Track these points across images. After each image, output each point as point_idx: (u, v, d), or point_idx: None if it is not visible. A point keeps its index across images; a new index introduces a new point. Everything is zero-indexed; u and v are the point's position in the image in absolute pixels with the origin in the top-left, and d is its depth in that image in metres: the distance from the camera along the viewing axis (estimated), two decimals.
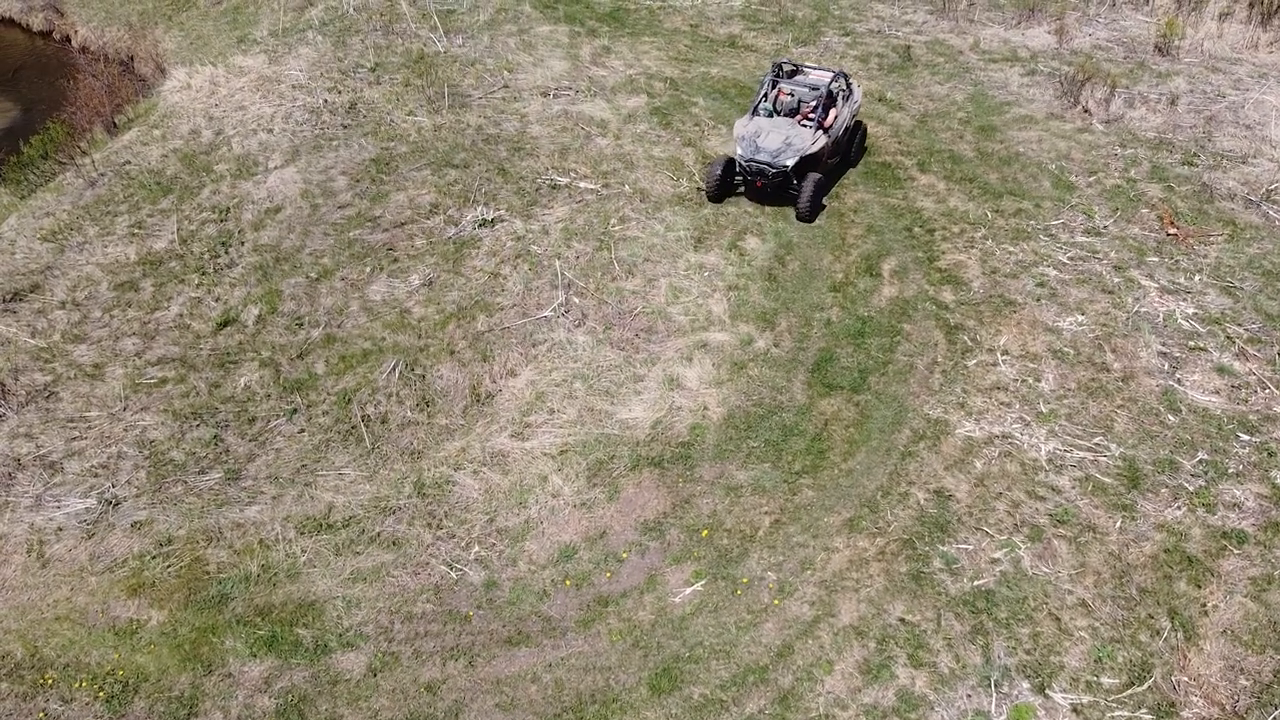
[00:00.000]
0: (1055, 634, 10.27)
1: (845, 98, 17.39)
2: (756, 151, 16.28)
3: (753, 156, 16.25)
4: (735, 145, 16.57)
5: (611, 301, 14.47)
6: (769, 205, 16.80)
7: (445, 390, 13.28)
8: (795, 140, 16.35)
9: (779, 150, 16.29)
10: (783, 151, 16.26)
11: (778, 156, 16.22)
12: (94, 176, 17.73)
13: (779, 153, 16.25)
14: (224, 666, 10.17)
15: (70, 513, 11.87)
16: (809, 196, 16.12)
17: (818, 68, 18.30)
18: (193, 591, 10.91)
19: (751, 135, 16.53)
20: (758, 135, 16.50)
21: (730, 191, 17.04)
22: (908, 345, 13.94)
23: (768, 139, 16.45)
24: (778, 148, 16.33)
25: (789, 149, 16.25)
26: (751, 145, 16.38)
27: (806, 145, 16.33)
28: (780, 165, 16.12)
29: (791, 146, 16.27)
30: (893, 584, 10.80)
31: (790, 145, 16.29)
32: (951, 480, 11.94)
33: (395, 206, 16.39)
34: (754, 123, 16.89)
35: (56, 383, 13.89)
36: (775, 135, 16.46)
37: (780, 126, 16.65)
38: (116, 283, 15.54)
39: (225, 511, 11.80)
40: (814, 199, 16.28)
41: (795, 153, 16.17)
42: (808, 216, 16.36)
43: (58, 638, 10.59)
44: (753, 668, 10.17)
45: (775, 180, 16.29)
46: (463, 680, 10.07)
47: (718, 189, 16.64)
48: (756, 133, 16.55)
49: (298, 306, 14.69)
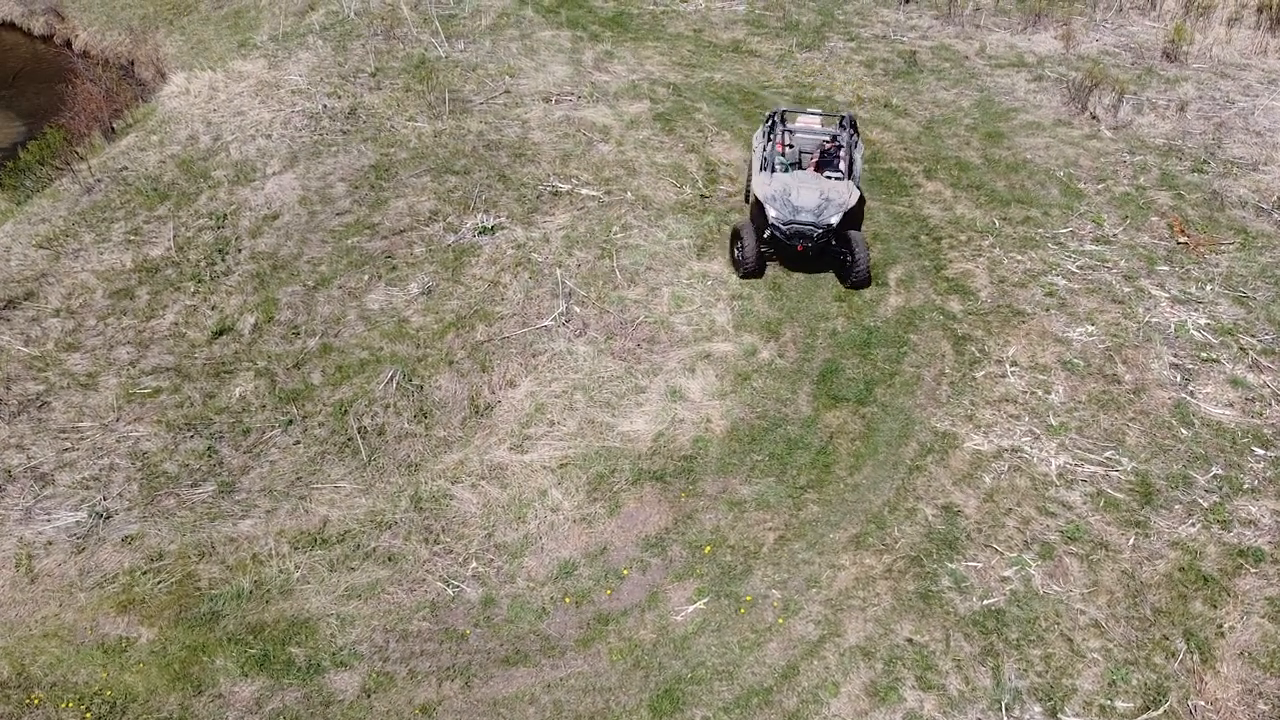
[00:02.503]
0: (1068, 655, 9.97)
1: (856, 142, 15.77)
2: (795, 212, 14.54)
3: (793, 218, 14.49)
4: (767, 208, 14.62)
5: (613, 310, 14.20)
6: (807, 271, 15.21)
7: (443, 401, 13.01)
8: (832, 194, 14.75)
9: (820, 207, 14.61)
10: (824, 208, 14.61)
11: (821, 214, 14.54)
12: (91, 183, 17.50)
13: (820, 210, 14.58)
14: (214, 687, 9.89)
15: (60, 526, 11.60)
16: (865, 257, 14.55)
17: (814, 113, 16.79)
18: (183, 608, 10.64)
19: (782, 194, 14.72)
20: (789, 193, 14.72)
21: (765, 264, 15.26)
22: (914, 356, 13.66)
23: (802, 196, 14.70)
24: (818, 204, 14.64)
25: (829, 205, 14.63)
26: (787, 205, 14.60)
27: (846, 199, 14.74)
28: (825, 224, 14.49)
29: (831, 202, 14.65)
30: (900, 603, 10.50)
31: (830, 201, 14.66)
32: (960, 495, 11.65)
33: (394, 214, 16.13)
34: (777, 180, 15.05)
35: (49, 392, 13.63)
36: (808, 192, 14.76)
37: (808, 181, 15.01)
38: (112, 290, 15.29)
39: (218, 525, 11.53)
40: (866, 263, 14.68)
41: (837, 208, 14.60)
42: (866, 280, 14.82)
43: (45, 655, 10.31)
44: (756, 689, 9.87)
45: (820, 241, 14.66)
46: (459, 702, 9.78)
47: (757, 262, 14.86)
48: (786, 191, 14.77)
49: (294, 315, 14.43)
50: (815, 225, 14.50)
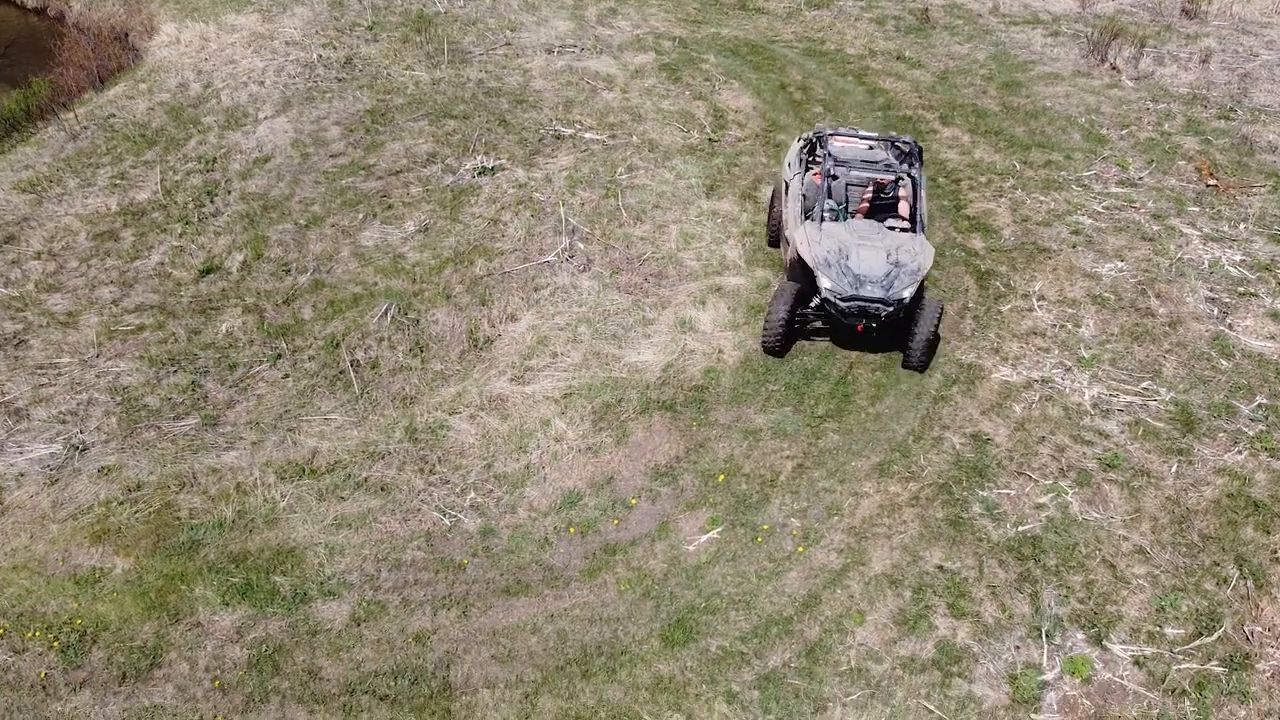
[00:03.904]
0: (1111, 582, 9.28)
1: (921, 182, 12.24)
2: (858, 283, 11.00)
3: (855, 291, 10.98)
4: (820, 277, 11.17)
5: (619, 247, 13.56)
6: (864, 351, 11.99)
7: (440, 335, 12.35)
8: (904, 257, 11.19)
9: (889, 276, 11.02)
10: (895, 277, 11.03)
11: (892, 287, 10.98)
12: (76, 130, 16.88)
13: (891, 280, 11.00)
14: (192, 615, 9.19)
15: (33, 459, 10.92)
16: (929, 332, 11.23)
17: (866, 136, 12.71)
18: (161, 538, 9.95)
19: (838, 258, 11.16)
20: (846, 257, 11.17)
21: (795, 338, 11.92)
22: (936, 291, 12.99)
23: (865, 260, 11.11)
24: (886, 272, 11.04)
25: (901, 272, 11.06)
26: (847, 275, 11.06)
27: (921, 261, 11.23)
28: (897, 299, 10.99)
29: (904, 269, 11.09)
30: (929, 530, 9.81)
31: (901, 267, 11.10)
32: (989, 424, 10.97)
33: (390, 155, 15.51)
34: (829, 235, 11.38)
35: (26, 331, 12.96)
36: (872, 254, 11.18)
37: (871, 238, 11.38)
38: (95, 233, 14.64)
39: (200, 457, 10.85)
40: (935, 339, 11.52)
41: (911, 277, 11.08)
42: (924, 360, 11.53)
43: (13, 588, 9.61)
44: (776, 619, 9.18)
45: (889, 320, 11.18)
46: (455, 631, 9.08)
47: (783, 340, 11.61)
48: (842, 252, 11.20)
49: (285, 253, 13.78)
50: (884, 302, 10.98)
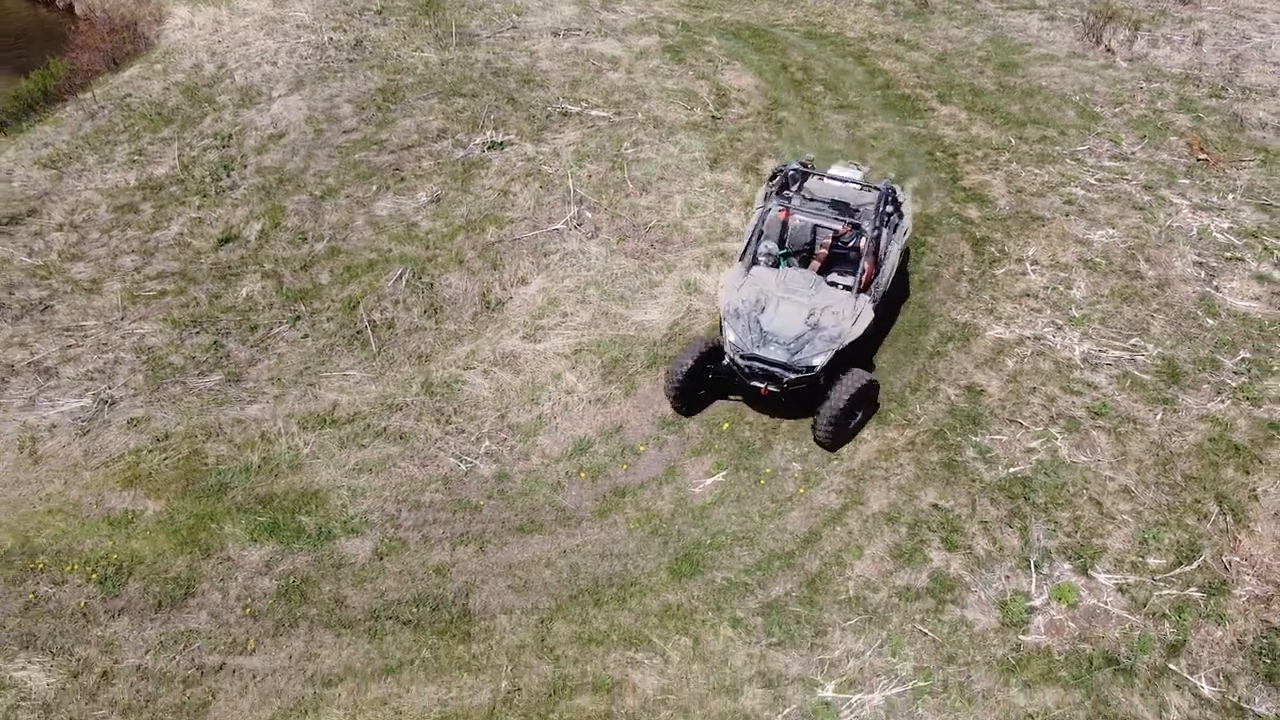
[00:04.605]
0: (1097, 518, 9.88)
1: (895, 225, 11.56)
2: (763, 342, 10.17)
3: (755, 351, 10.14)
4: (725, 327, 10.41)
5: (626, 216, 14.18)
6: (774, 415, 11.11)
7: (454, 298, 12.97)
8: (826, 319, 10.30)
9: (801, 339, 10.16)
10: (807, 341, 10.15)
11: (799, 352, 10.11)
12: (94, 109, 17.54)
13: (801, 343, 10.15)
14: (223, 551, 9.80)
15: (64, 411, 11.55)
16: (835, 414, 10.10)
17: (846, 168, 12.26)
18: (190, 482, 10.56)
19: (752, 310, 10.41)
20: (762, 309, 10.41)
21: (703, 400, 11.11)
22: (933, 256, 13.61)
23: (780, 317, 10.34)
24: (799, 334, 10.20)
25: (816, 338, 10.18)
26: (753, 330, 10.27)
27: (846, 328, 10.25)
28: (803, 366, 10.12)
29: (821, 333, 10.20)
30: (924, 472, 10.42)
31: (819, 330, 10.22)
32: (982, 377, 11.58)
33: (402, 131, 16.14)
34: (752, 283, 10.68)
35: (53, 297, 13.59)
36: (792, 310, 10.37)
37: (799, 291, 10.55)
38: (115, 205, 15.28)
39: (225, 410, 11.47)
40: (845, 417, 10.28)
41: (827, 343, 10.15)
42: (831, 442, 10.50)
43: (49, 529, 10.22)
44: (778, 554, 9.78)
45: (795, 387, 10.34)
46: (473, 564, 9.69)
47: (681, 393, 10.68)
48: (759, 304, 10.45)
49: (301, 222, 14.41)
50: (786, 367, 10.10)
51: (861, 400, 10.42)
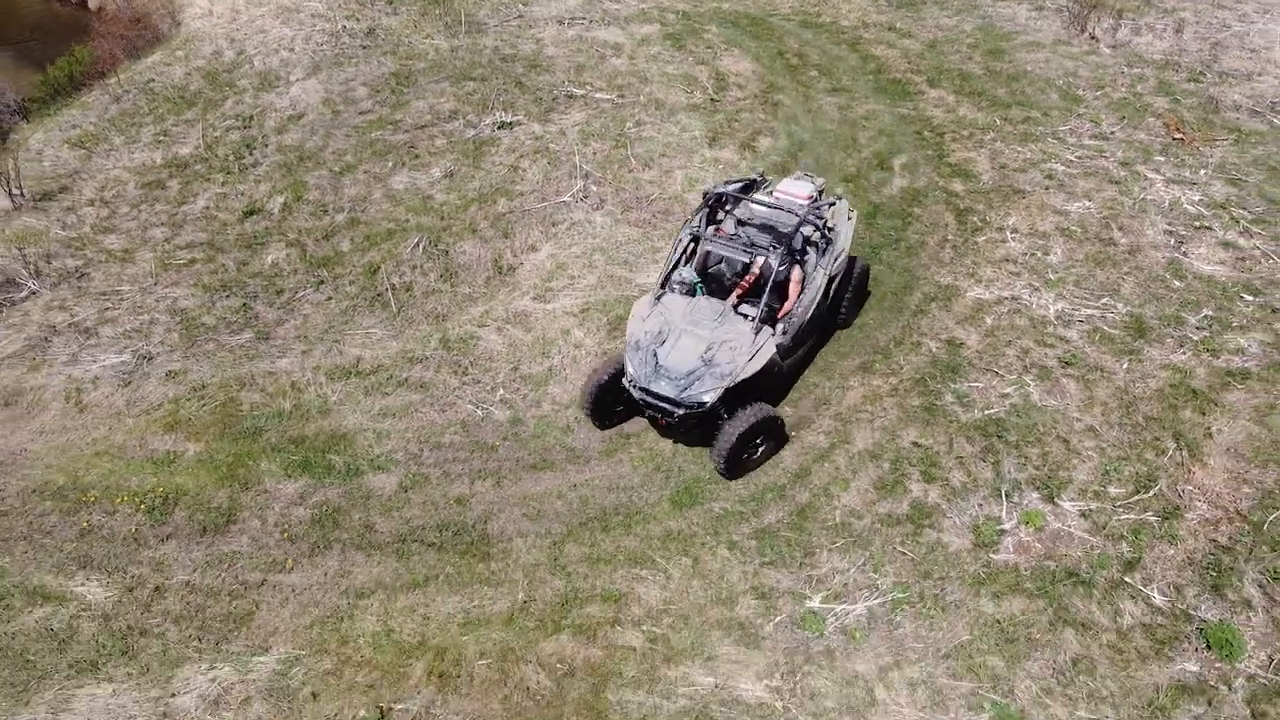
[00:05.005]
0: (1064, 454, 10.88)
1: (823, 248, 11.42)
2: (654, 375, 10.21)
3: (647, 385, 10.20)
4: (626, 359, 10.55)
5: (629, 189, 15.21)
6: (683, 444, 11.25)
7: (468, 264, 13.99)
8: (720, 356, 10.26)
9: (692, 375, 10.16)
10: (698, 378, 10.15)
11: (689, 388, 10.11)
12: (119, 94, 18.58)
13: (691, 379, 10.14)
14: (260, 484, 10.81)
15: (106, 366, 12.55)
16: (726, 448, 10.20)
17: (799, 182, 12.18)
18: (227, 426, 11.57)
19: (652, 342, 10.45)
20: (662, 341, 10.43)
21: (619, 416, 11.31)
22: (918, 225, 14.63)
23: (678, 350, 10.33)
24: (691, 369, 10.18)
25: (709, 373, 10.17)
26: (649, 363, 10.31)
27: (741, 364, 10.22)
28: (695, 403, 10.13)
29: (714, 369, 10.19)
30: (906, 415, 11.42)
31: (712, 367, 10.20)
32: (962, 332, 12.60)
33: (415, 112, 17.18)
34: (660, 313, 10.70)
35: (87, 265, 14.61)
36: (691, 343, 10.35)
37: (703, 323, 10.53)
38: (143, 183, 16.31)
39: (256, 363, 12.48)
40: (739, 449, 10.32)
41: (718, 380, 10.14)
42: (727, 473, 10.57)
43: (97, 469, 11.23)
44: (771, 487, 10.79)
45: (689, 421, 10.43)
46: (491, 496, 10.70)
47: (592, 409, 11.04)
48: (660, 336, 10.48)
49: (322, 196, 15.44)
50: (674, 403, 10.14)
51: (760, 433, 10.48)
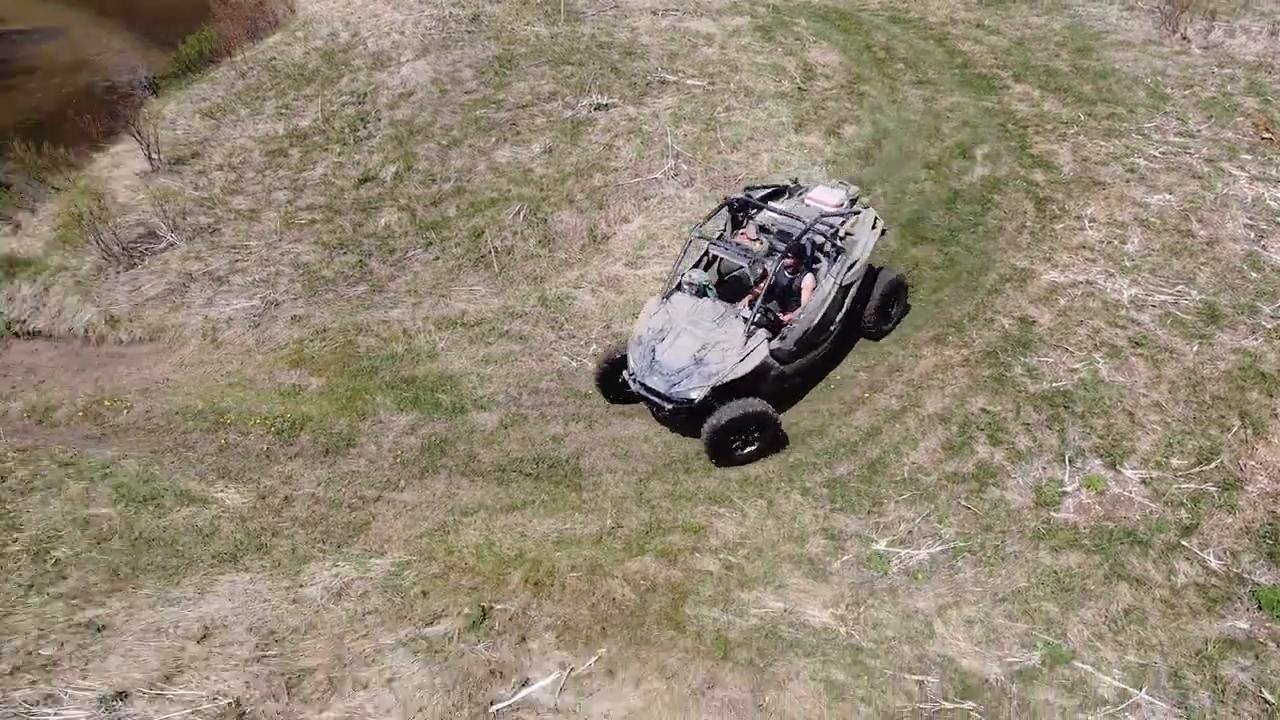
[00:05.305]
0: (1128, 425, 11.49)
1: (834, 256, 11.70)
2: (649, 370, 10.87)
3: (643, 379, 10.89)
4: (629, 352, 11.28)
5: (717, 169, 16.17)
6: None
7: (565, 232, 15.10)
8: (713, 358, 10.78)
9: (682, 373, 10.76)
10: (686, 376, 10.74)
11: (678, 384, 10.71)
12: (244, 70, 20.22)
13: (681, 377, 10.74)
14: (375, 415, 12.05)
15: (238, 309, 13.98)
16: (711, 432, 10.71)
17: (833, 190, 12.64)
18: (346, 364, 12.87)
19: (654, 338, 11.11)
20: (662, 339, 11.06)
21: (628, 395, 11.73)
22: (997, 212, 15.29)
23: (674, 348, 10.95)
24: (681, 367, 10.78)
25: (697, 372, 10.76)
26: (646, 358, 10.98)
27: (730, 365, 10.73)
28: (683, 399, 10.73)
29: (703, 368, 10.74)
30: (975, 383, 12.15)
31: (701, 366, 10.76)
32: (1035, 311, 13.25)
33: (517, 93, 18.41)
34: (666, 311, 11.31)
35: (218, 223, 16.14)
36: (686, 342, 10.96)
37: (701, 323, 11.08)
38: (267, 150, 17.84)
39: (371, 312, 13.78)
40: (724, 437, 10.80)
41: (705, 379, 10.72)
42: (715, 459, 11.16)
43: (231, 397, 12.61)
44: (844, 443, 11.62)
45: (678, 416, 11.09)
46: (583, 436, 11.75)
47: (600, 383, 11.90)
48: (661, 333, 11.11)
49: (430, 166, 16.74)
50: (664, 398, 10.78)
51: (749, 427, 10.85)
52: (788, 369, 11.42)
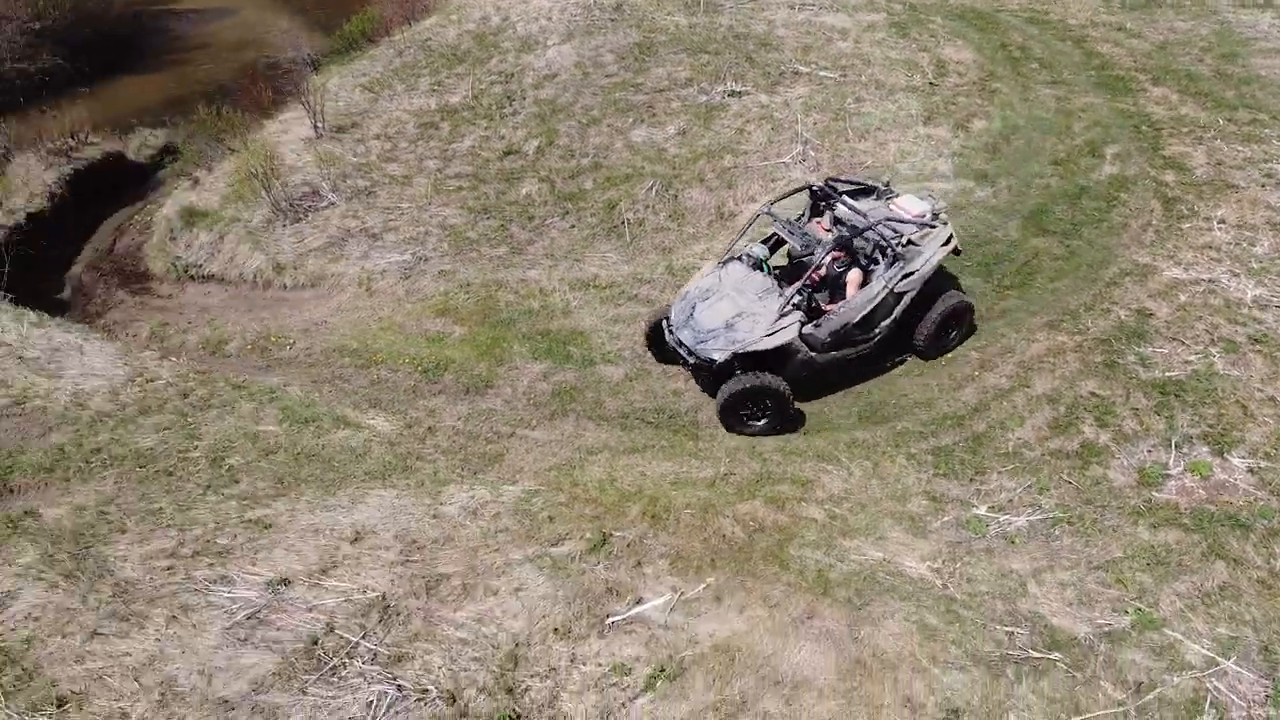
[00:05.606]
0: (1240, 417, 11.76)
1: (891, 259, 12.12)
2: (685, 324, 11.79)
3: (676, 331, 11.82)
4: (673, 304, 12.27)
5: (844, 156, 16.91)
6: None
7: (694, 208, 16.09)
8: (740, 324, 11.56)
9: (710, 333, 11.59)
10: (714, 336, 11.56)
11: (704, 341, 11.55)
12: (401, 49, 21.93)
13: (709, 336, 11.57)
14: (511, 362, 13.28)
15: (390, 262, 15.45)
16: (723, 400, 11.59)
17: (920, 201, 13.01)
18: (486, 316, 14.16)
19: (698, 297, 12.02)
20: (704, 298, 11.98)
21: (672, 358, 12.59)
22: (1123, 209, 15.56)
23: (711, 309, 11.82)
24: (712, 328, 11.62)
25: (723, 334, 11.55)
26: (684, 312, 11.92)
27: (753, 336, 11.45)
28: (704, 358, 11.55)
29: (730, 333, 11.53)
30: (1086, 368, 12.59)
31: (730, 330, 11.55)
32: (1153, 304, 13.56)
33: (654, 78, 19.50)
34: (717, 276, 12.22)
35: (374, 186, 17.72)
36: (724, 305, 11.79)
37: (744, 293, 11.89)
38: (420, 123, 19.41)
39: (511, 271, 15.06)
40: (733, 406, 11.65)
41: (729, 343, 11.50)
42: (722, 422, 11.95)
43: (382, 339, 14.04)
44: (950, 415, 12.25)
45: (700, 372, 12.01)
46: (701, 394, 12.68)
47: (648, 340, 12.93)
48: (706, 294, 12.03)
49: (570, 143, 17.98)
50: (690, 351, 11.68)
51: (759, 399, 11.55)
52: (818, 357, 11.93)
